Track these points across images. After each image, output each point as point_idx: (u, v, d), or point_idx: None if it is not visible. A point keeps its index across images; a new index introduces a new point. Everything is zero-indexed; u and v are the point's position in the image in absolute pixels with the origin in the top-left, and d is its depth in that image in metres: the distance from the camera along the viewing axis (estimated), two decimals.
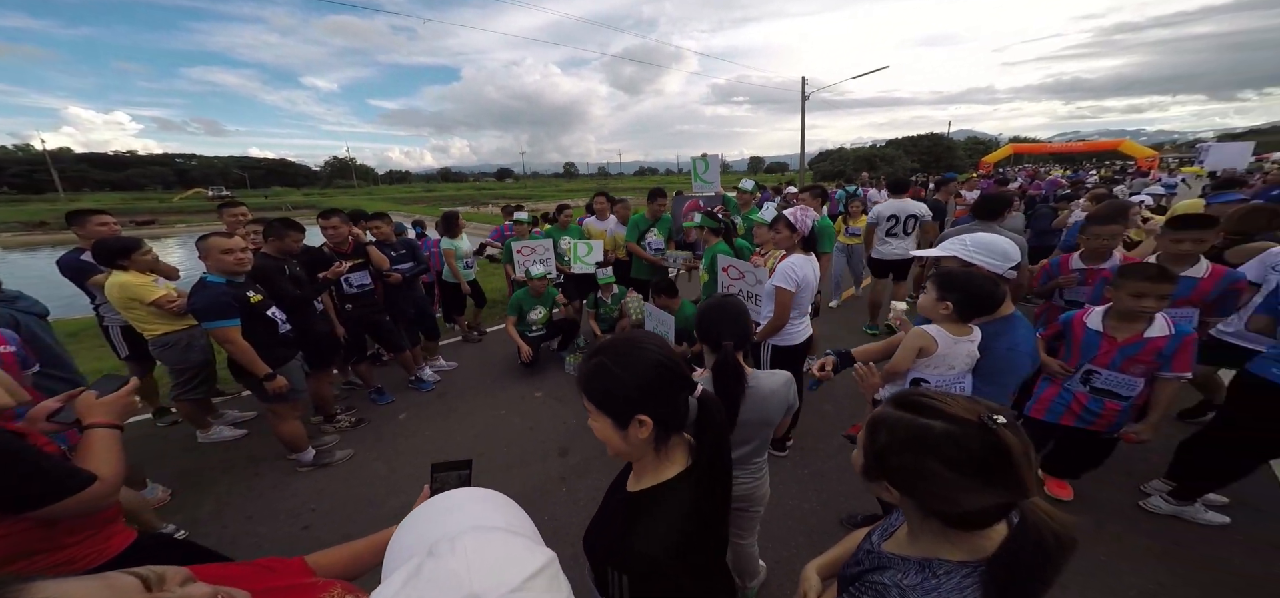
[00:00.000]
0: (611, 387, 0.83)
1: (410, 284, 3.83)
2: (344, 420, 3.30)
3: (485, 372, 4.25)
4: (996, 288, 1.51)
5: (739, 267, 2.92)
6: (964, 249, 1.62)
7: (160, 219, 31.92)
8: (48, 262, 15.82)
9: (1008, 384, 1.59)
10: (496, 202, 40.46)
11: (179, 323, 2.80)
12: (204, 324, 2.34)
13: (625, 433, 0.84)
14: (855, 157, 48.57)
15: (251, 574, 0.78)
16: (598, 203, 4.99)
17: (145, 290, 2.65)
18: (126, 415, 1.20)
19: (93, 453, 1.09)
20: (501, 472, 2.85)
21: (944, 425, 0.66)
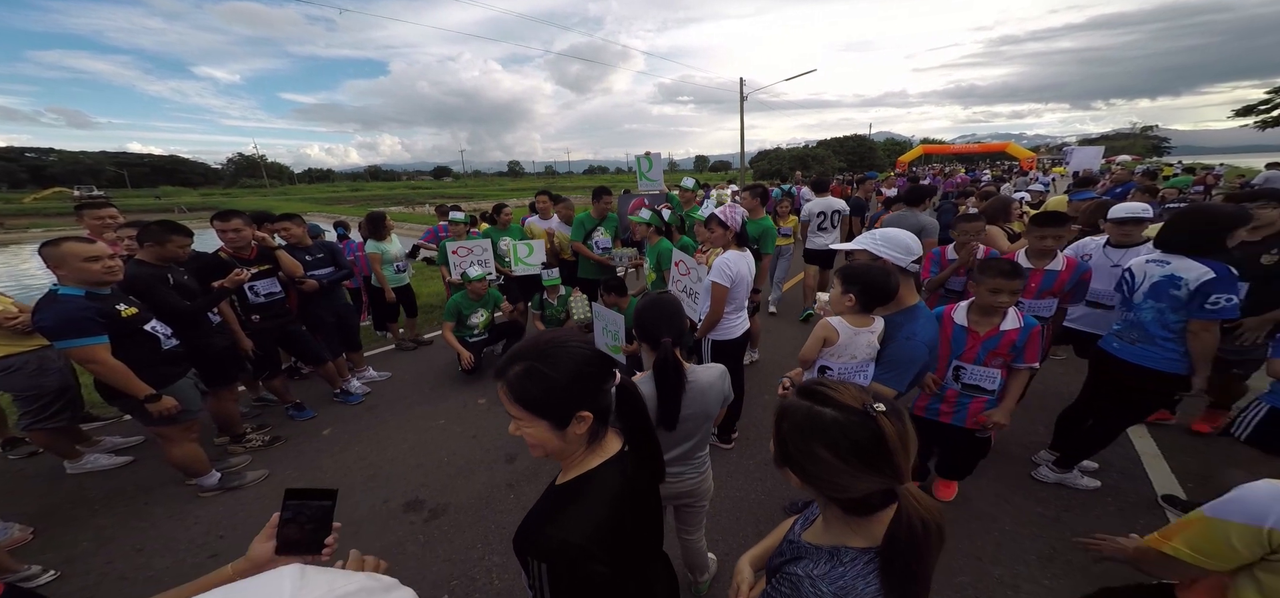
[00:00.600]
0: (549, 388, 0.82)
1: (330, 291, 3.53)
2: (256, 440, 3.00)
3: (422, 381, 4.03)
4: (889, 280, 1.60)
5: (688, 263, 3.03)
6: (874, 244, 1.71)
7: (6, 223, 26.94)
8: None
9: (905, 373, 1.64)
10: (433, 201, 38.19)
11: (25, 343, 2.41)
12: (57, 344, 2.01)
13: (564, 432, 0.84)
14: (790, 156, 51.72)
15: None
16: (540, 202, 4.91)
17: None
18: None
19: None
20: (445, 482, 2.73)
21: (833, 413, 0.70)
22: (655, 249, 3.42)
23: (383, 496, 2.63)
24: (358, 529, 2.39)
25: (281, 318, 3.17)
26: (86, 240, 2.10)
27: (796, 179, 14.84)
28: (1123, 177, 8.23)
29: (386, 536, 2.35)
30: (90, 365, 2.05)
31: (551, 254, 4.65)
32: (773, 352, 4.39)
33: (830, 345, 1.66)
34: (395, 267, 4.39)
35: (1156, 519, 2.28)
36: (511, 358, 0.85)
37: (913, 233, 1.78)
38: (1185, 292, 1.85)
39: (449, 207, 5.88)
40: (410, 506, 2.56)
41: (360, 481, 2.75)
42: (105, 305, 2.07)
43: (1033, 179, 14.95)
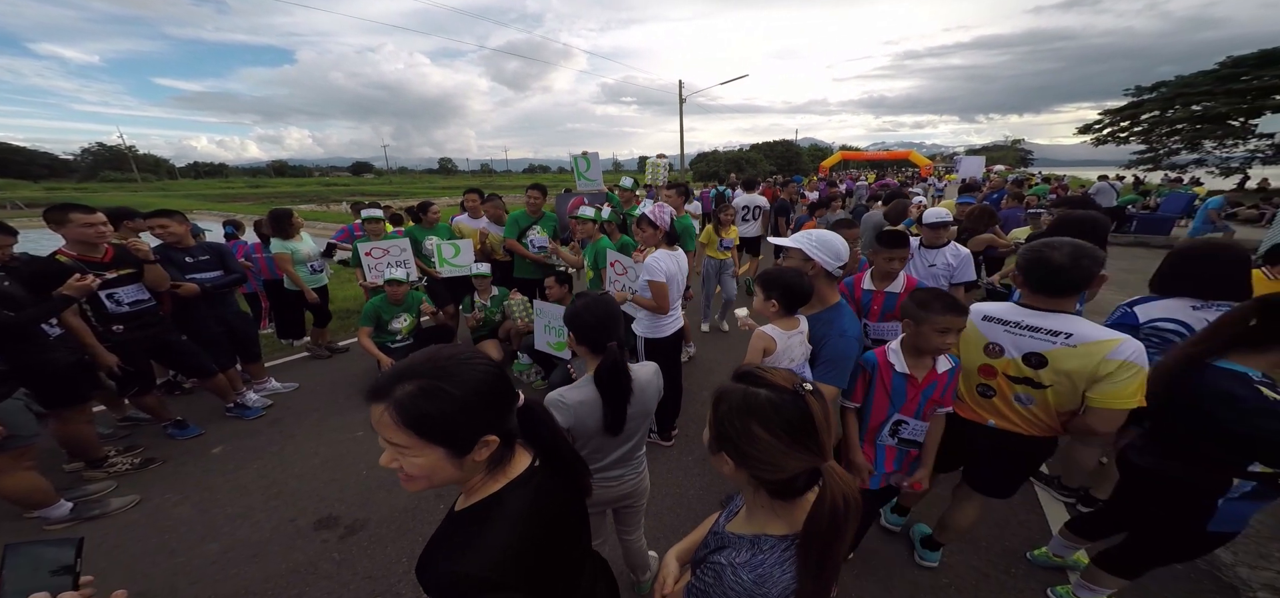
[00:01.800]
0: (450, 410, 0.71)
1: (217, 297, 3.16)
2: (121, 463, 2.61)
3: (337, 391, 3.72)
4: (803, 280, 1.67)
5: (624, 262, 3.06)
6: (808, 244, 1.75)
7: None
8: None
9: (844, 369, 1.65)
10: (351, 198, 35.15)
11: None
12: None
13: (463, 460, 0.74)
14: (726, 159, 54.18)
15: None
16: (469, 201, 4.72)
17: None
18: None
19: None
20: (363, 496, 2.54)
21: (767, 393, 0.74)
22: (594, 247, 3.44)
23: (289, 514, 2.40)
24: (260, 551, 2.17)
25: (153, 328, 2.77)
26: None
27: (731, 181, 15.69)
28: (997, 184, 9.74)
29: (294, 555, 2.15)
30: None
31: (482, 254, 4.49)
32: (710, 349, 4.55)
33: (770, 354, 1.71)
34: (309, 267, 4.02)
35: None
36: (398, 375, 0.72)
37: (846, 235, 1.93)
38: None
39: (366, 203, 5.48)
40: (322, 523, 2.36)
41: (259, 500, 2.49)
42: None
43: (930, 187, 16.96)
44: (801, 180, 21.42)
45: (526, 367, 3.91)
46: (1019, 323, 1.49)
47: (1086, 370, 1.37)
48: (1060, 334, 1.41)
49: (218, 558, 2.12)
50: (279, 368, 4.04)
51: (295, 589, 2.00)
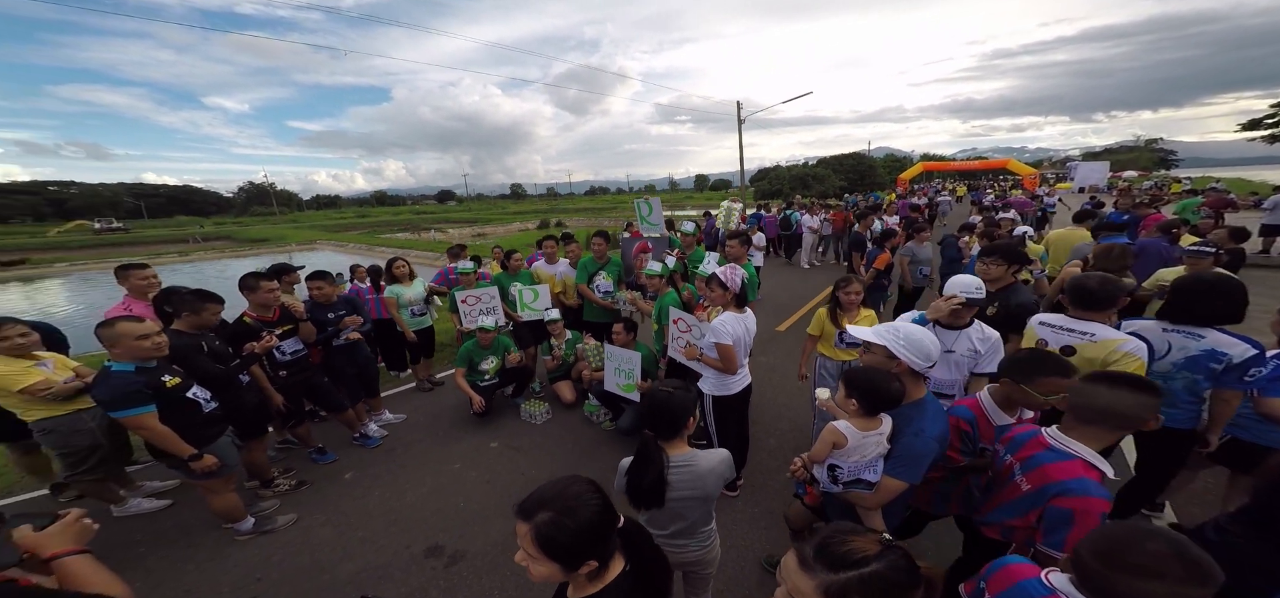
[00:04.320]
0: (565, 542, 0.94)
1: (351, 344, 3.76)
2: (283, 484, 3.21)
3: (437, 423, 4.22)
4: (893, 385, 1.62)
5: (687, 320, 3.09)
6: (894, 342, 1.70)
7: (32, 257, 27.61)
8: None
9: (917, 468, 1.60)
10: (439, 226, 38.85)
11: (59, 408, 2.65)
12: (111, 413, 2.24)
13: (571, 574, 0.97)
14: (790, 175, 51.84)
15: None
16: (547, 247, 5.14)
17: (11, 380, 2.51)
18: (88, 537, 1.24)
19: (85, 580, 1.15)
20: (462, 527, 2.88)
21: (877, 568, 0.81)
22: (661, 300, 3.55)
23: (404, 541, 2.79)
24: (383, 574, 2.55)
25: (306, 372, 3.40)
26: (135, 320, 2.31)
27: (795, 202, 14.63)
28: (1129, 204, 6.85)
29: (410, 581, 2.50)
30: (141, 431, 2.27)
31: (556, 298, 4.83)
32: (774, 392, 4.48)
33: (840, 448, 1.67)
34: (411, 311, 4.63)
35: None
36: (537, 503, 0.97)
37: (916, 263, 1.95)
38: (1225, 365, 1.96)
39: (457, 247, 6.19)
40: (431, 551, 2.71)
41: (382, 526, 2.92)
42: (152, 378, 2.29)
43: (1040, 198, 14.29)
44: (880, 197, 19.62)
45: (596, 408, 4.11)
46: (1061, 326, 2.22)
47: (1099, 357, 2.03)
48: (1087, 333, 2.12)
49: (353, 578, 2.53)
50: (390, 399, 4.65)
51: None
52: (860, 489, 1.67)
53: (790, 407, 4.19)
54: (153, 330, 2.32)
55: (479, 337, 4.13)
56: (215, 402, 2.58)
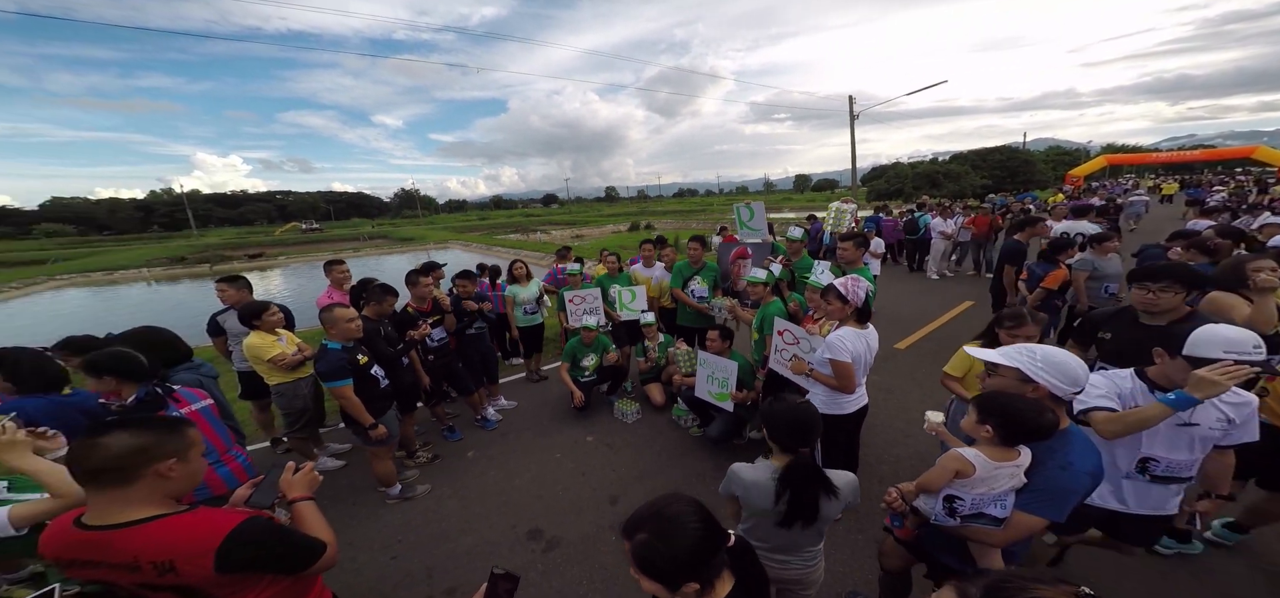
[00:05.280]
0: (662, 564, 0.95)
1: (479, 335, 4.28)
2: (423, 456, 3.74)
3: (541, 413, 4.57)
4: (1044, 415, 1.41)
5: (794, 332, 2.93)
6: (1030, 363, 1.48)
7: (266, 252, 35.77)
8: (185, 292, 18.52)
9: (1061, 504, 1.42)
10: (544, 228, 42.33)
11: (289, 375, 3.39)
12: (326, 384, 2.80)
13: (675, 594, 0.97)
14: (914, 173, 45.31)
15: None
16: (644, 251, 5.27)
17: (265, 350, 3.26)
18: (316, 487, 1.50)
19: (310, 524, 1.39)
20: (559, 516, 3.10)
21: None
22: (765, 309, 3.41)
23: (511, 521, 3.08)
24: (493, 550, 2.84)
25: (447, 358, 3.94)
26: (346, 307, 2.89)
27: (923, 203, 12.61)
28: None
29: (514, 559, 2.75)
30: (340, 400, 2.81)
31: (651, 302, 4.93)
32: (889, 415, 4.02)
33: (964, 478, 1.51)
34: (524, 309, 5.07)
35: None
36: (637, 522, 1.00)
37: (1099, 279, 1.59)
38: None
39: (565, 249, 6.65)
40: (532, 534, 2.95)
41: (495, 505, 3.26)
42: (351, 356, 2.83)
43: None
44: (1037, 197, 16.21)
45: (684, 413, 4.11)
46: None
47: None
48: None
49: (470, 551, 2.85)
50: (503, 387, 5.13)
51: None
52: (983, 525, 1.50)
53: (908, 433, 3.76)
54: (355, 316, 2.86)
55: (582, 334, 4.38)
56: (387, 379, 3.09)
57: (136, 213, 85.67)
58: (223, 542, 1.15)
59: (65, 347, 2.80)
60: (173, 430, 1.23)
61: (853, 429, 2.64)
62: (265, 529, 1.23)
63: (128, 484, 1.14)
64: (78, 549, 1.14)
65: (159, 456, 1.17)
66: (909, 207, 12.10)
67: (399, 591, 2.59)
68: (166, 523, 1.15)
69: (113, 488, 1.13)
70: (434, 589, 2.57)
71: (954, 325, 6.51)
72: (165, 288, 21.94)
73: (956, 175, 40.79)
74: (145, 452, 1.15)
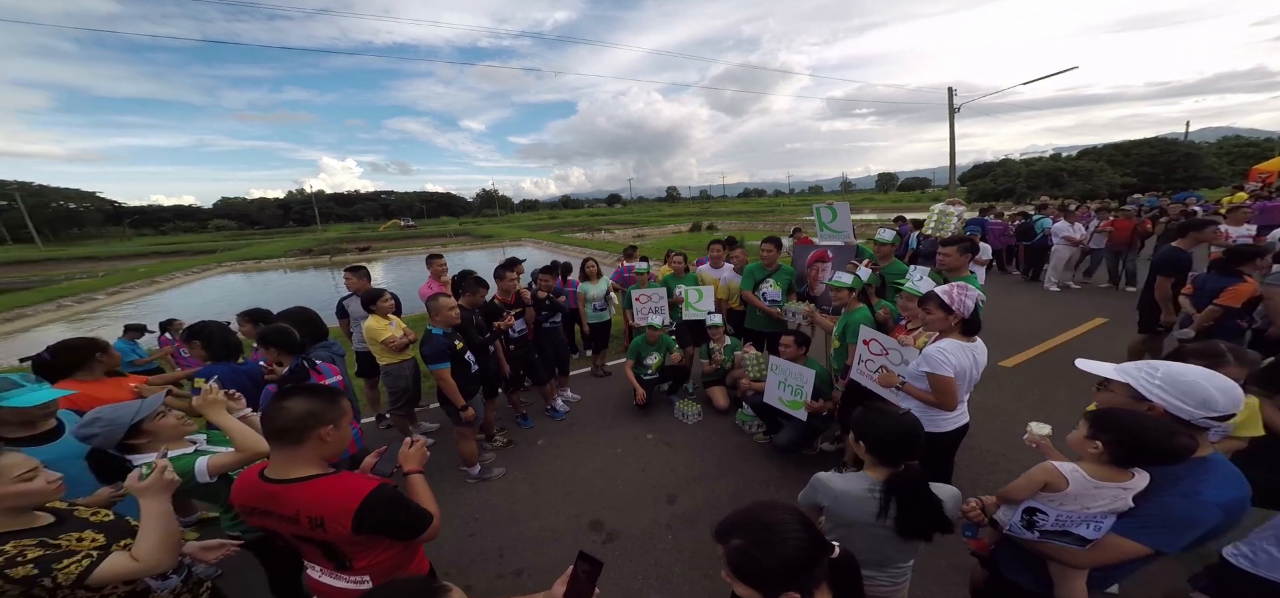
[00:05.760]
0: (762, 571, 0.93)
1: (554, 329, 4.49)
2: (499, 440, 4.01)
3: (604, 408, 4.69)
4: (1174, 439, 1.25)
5: (883, 342, 2.75)
6: (1147, 380, 1.35)
7: (372, 246, 40.50)
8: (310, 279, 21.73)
9: (1177, 534, 1.27)
10: (607, 227, 43.31)
11: (397, 357, 3.80)
12: (429, 366, 3.08)
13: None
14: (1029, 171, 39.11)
15: None
16: (713, 251, 5.16)
17: (380, 332, 3.69)
18: (425, 461, 1.62)
19: (421, 495, 1.50)
20: (618, 509, 3.16)
21: None
22: (849, 317, 3.19)
23: (574, 511, 3.19)
24: (557, 537, 2.96)
25: (525, 349, 4.20)
26: (449, 296, 3.19)
27: (1044, 205, 10.71)
28: None
29: (576, 547, 2.82)
30: (439, 381, 3.09)
31: (718, 303, 4.82)
32: (990, 439, 3.57)
33: (1053, 492, 1.41)
34: (594, 305, 5.23)
35: None
36: (733, 527, 0.98)
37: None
38: None
39: (632, 248, 6.76)
40: (593, 525, 3.04)
41: (560, 494, 3.40)
42: (451, 342, 3.11)
43: None
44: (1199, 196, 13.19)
45: (749, 418, 4.00)
46: None
47: None
48: None
49: (537, 534, 3.00)
50: (569, 380, 5.31)
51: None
52: (1065, 544, 1.43)
53: (1008, 456, 3.38)
54: (455, 304, 3.16)
55: (647, 333, 4.42)
56: (477, 365, 3.35)
57: (278, 210, 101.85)
58: (361, 504, 1.29)
59: (248, 317, 3.36)
60: (333, 400, 1.40)
61: (947, 449, 2.41)
62: (393, 497, 1.37)
63: (297, 444, 1.32)
64: (258, 499, 1.34)
65: (324, 421, 1.34)
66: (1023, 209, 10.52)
67: (474, 567, 2.78)
68: (322, 482, 1.32)
69: (287, 447, 1.32)
70: (504, 569, 2.73)
71: (1080, 345, 5.61)
72: (295, 275, 25.81)
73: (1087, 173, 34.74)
74: (314, 416, 1.32)
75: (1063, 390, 4.41)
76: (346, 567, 1.38)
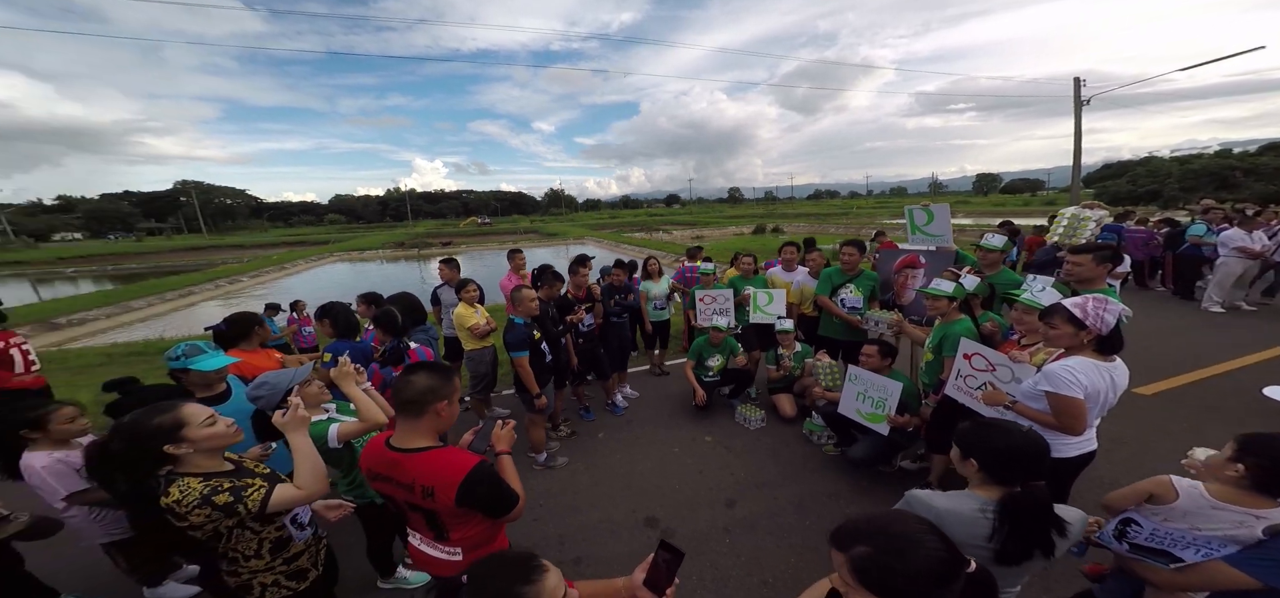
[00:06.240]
0: (896, 582, 0.85)
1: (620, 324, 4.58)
2: (563, 431, 4.15)
3: (662, 407, 4.67)
4: None
5: (989, 357, 2.50)
6: None
7: (453, 241, 44.13)
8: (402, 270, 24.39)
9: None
10: (665, 228, 43.23)
11: (480, 343, 4.08)
12: (510, 354, 3.27)
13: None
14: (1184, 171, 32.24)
15: None
16: (786, 253, 4.92)
17: (467, 319, 3.99)
18: (512, 442, 1.68)
19: (509, 475, 1.55)
20: (675, 508, 3.14)
21: None
22: (948, 328, 2.88)
23: (631, 505, 3.21)
24: (615, 530, 2.99)
25: (592, 343, 4.31)
26: (531, 288, 3.36)
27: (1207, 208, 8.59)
28: None
29: (632, 542, 2.87)
30: (518, 368, 3.26)
31: (789, 307, 4.60)
32: (1117, 471, 3.06)
33: (1157, 504, 1.38)
34: (655, 304, 5.24)
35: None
36: (856, 532, 0.90)
37: None
38: None
39: (695, 249, 6.65)
40: (649, 522, 3.04)
41: (619, 487, 3.44)
42: (530, 331, 3.27)
43: None
44: None
45: (819, 428, 3.79)
46: None
47: None
48: None
49: (596, 525, 3.06)
50: (628, 377, 5.35)
51: (627, 574, 2.62)
52: (1153, 562, 1.40)
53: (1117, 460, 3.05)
54: (536, 296, 3.33)
55: (711, 334, 4.32)
56: (551, 355, 3.50)
57: (377, 206, 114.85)
58: (465, 477, 1.38)
59: (365, 299, 3.77)
60: (448, 378, 1.49)
61: (1067, 477, 2.13)
62: (493, 474, 1.46)
63: (418, 417, 1.44)
64: (382, 464, 1.48)
65: (441, 396, 1.45)
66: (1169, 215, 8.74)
67: (536, 552, 2.88)
68: (434, 453, 1.43)
69: (411, 418, 1.44)
70: (564, 556, 2.80)
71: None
72: (389, 265, 28.87)
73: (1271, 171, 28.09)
74: (433, 391, 1.44)
75: (1217, 425, 3.71)
76: (444, 537, 1.49)
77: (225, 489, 1.37)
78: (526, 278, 4.47)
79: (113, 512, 2.20)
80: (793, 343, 4.31)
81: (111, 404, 2.21)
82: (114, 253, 40.64)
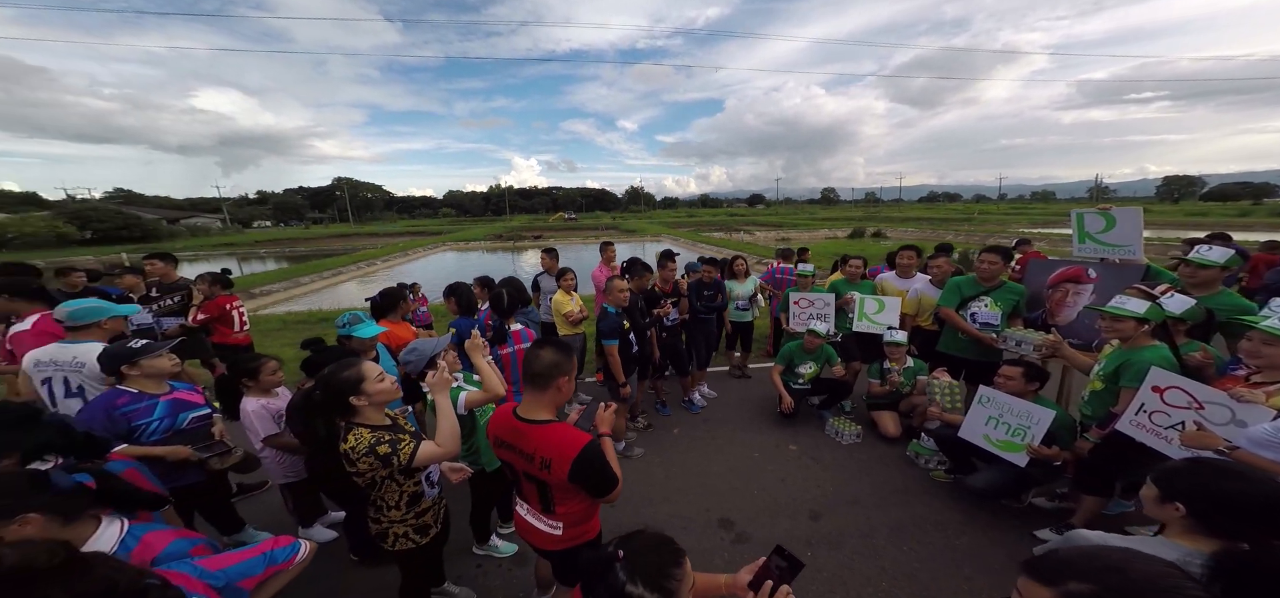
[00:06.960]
0: None
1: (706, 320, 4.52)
2: (641, 422, 4.19)
3: (742, 409, 4.50)
4: None
5: (1195, 392, 2.07)
6: None
7: (544, 235, 47.20)
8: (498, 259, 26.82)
9: None
10: (747, 228, 41.49)
11: (573, 329, 4.31)
12: (603, 341, 3.41)
13: None
14: None
15: None
16: (903, 258, 4.43)
17: (564, 304, 4.24)
18: (613, 428, 1.76)
19: (610, 458, 1.57)
20: (752, 513, 3.01)
21: None
22: (1133, 355, 2.38)
23: (705, 504, 3.14)
24: (686, 525, 2.94)
25: (675, 338, 4.32)
26: (622, 277, 3.48)
27: None
28: None
29: (703, 542, 2.81)
30: (608, 355, 3.38)
31: (903, 317, 4.16)
32: None
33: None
34: (738, 304, 5.04)
35: None
36: (1073, 569, 0.80)
37: None
38: None
39: (788, 251, 6.27)
40: (723, 523, 2.95)
41: (694, 483, 3.38)
42: (620, 321, 3.39)
43: None
44: None
45: (928, 451, 3.43)
46: None
47: None
48: None
49: (668, 519, 3.03)
50: (707, 376, 5.23)
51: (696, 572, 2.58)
52: None
53: None
54: (627, 288, 3.44)
55: (806, 340, 4.05)
56: (636, 346, 3.58)
57: (481, 201, 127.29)
58: (579, 453, 1.44)
59: (479, 282, 4.14)
60: (569, 355, 1.59)
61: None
62: (601, 454, 1.52)
63: (542, 390, 1.54)
64: (508, 433, 1.59)
65: (563, 372, 1.54)
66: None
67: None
68: (554, 427, 1.52)
69: (536, 390, 1.54)
70: None
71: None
72: (489, 256, 31.74)
73: None
74: (558, 367, 1.53)
75: None
76: (550, 510, 1.57)
77: (386, 441, 1.56)
78: (617, 270, 4.60)
79: (293, 457, 2.62)
80: (904, 357, 3.88)
81: (307, 360, 2.48)
82: (290, 237, 50.17)
